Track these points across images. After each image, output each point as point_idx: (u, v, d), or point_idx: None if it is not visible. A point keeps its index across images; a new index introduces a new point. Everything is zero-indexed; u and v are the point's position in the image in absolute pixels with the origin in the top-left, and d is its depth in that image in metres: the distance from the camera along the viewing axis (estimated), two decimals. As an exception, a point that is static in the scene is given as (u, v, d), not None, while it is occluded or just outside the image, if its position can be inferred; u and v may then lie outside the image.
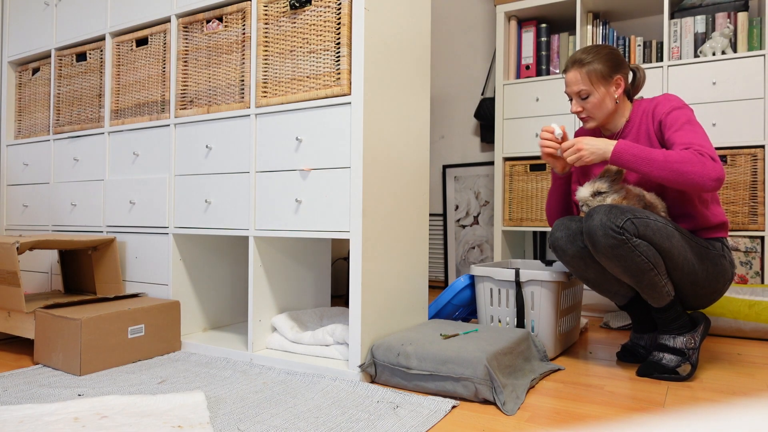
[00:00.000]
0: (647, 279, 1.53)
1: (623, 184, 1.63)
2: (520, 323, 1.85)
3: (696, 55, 2.55)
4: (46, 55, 2.54)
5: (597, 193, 1.61)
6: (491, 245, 3.27)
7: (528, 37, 2.95)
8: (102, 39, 2.28)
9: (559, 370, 1.68)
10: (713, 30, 2.55)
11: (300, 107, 1.71)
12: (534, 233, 3.16)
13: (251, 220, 1.81)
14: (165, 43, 2.07)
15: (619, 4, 2.79)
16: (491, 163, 3.29)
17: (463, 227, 3.38)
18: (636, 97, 1.80)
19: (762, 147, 2.39)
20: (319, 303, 2.14)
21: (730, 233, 2.41)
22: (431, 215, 3.55)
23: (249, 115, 1.83)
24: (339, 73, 1.64)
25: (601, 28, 2.78)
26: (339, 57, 1.64)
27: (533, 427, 1.22)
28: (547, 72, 2.90)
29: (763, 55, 2.39)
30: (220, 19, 1.92)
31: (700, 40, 2.55)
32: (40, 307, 1.78)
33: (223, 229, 1.88)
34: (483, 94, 3.39)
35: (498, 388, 1.35)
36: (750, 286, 2.28)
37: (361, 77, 1.59)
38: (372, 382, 1.58)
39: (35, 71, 2.58)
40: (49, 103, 2.50)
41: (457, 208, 3.42)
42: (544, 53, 2.91)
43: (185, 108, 2.00)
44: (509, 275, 1.86)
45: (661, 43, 2.64)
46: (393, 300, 1.74)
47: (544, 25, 2.91)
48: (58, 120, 2.43)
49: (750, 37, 2.48)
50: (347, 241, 2.95)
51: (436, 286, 3.51)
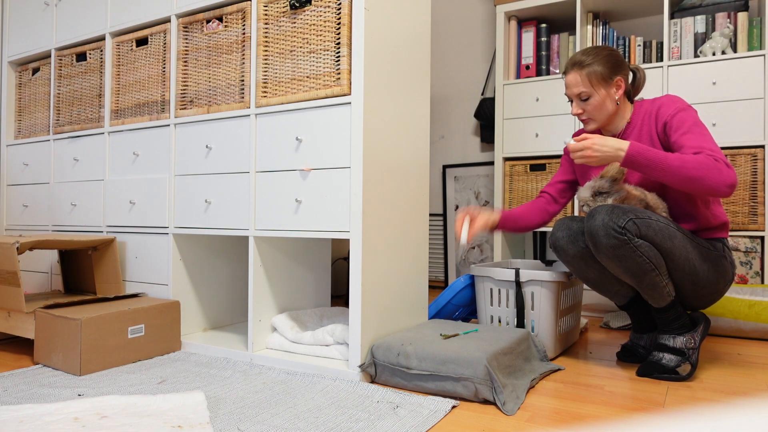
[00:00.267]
0: (648, 279, 1.53)
1: (624, 184, 1.63)
2: (520, 323, 1.85)
3: (696, 55, 2.55)
4: (46, 55, 2.54)
5: (598, 194, 1.61)
6: (491, 245, 3.27)
7: (528, 37, 2.95)
8: (102, 39, 2.28)
9: (559, 370, 1.68)
10: (713, 30, 2.55)
11: (300, 107, 1.71)
12: (534, 233, 3.16)
13: (251, 220, 1.81)
14: (165, 43, 2.07)
15: (619, 4, 2.79)
16: (491, 163, 3.29)
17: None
18: (636, 98, 1.80)
19: (762, 147, 2.39)
20: (319, 303, 2.14)
21: (730, 233, 2.41)
22: (431, 215, 3.55)
23: (249, 115, 1.83)
24: (339, 73, 1.64)
25: (601, 28, 2.78)
26: (339, 57, 1.64)
27: (533, 427, 1.22)
28: (547, 72, 2.90)
29: (763, 55, 2.39)
30: (220, 19, 1.92)
31: (700, 40, 2.55)
32: (40, 307, 1.78)
33: (223, 229, 1.88)
34: (483, 94, 3.39)
35: (498, 388, 1.35)
36: (750, 286, 2.28)
37: (361, 77, 1.59)
38: (372, 382, 1.58)
39: (35, 71, 2.58)
40: (49, 103, 2.50)
41: (457, 208, 3.42)
42: (544, 53, 2.91)
43: (185, 108, 2.00)
44: (509, 275, 1.86)
45: (661, 43, 2.64)
46: (393, 300, 1.74)
47: (544, 25, 2.91)
48: (58, 120, 2.43)
49: (750, 37, 2.48)
50: (347, 241, 2.95)
51: (436, 286, 3.51)
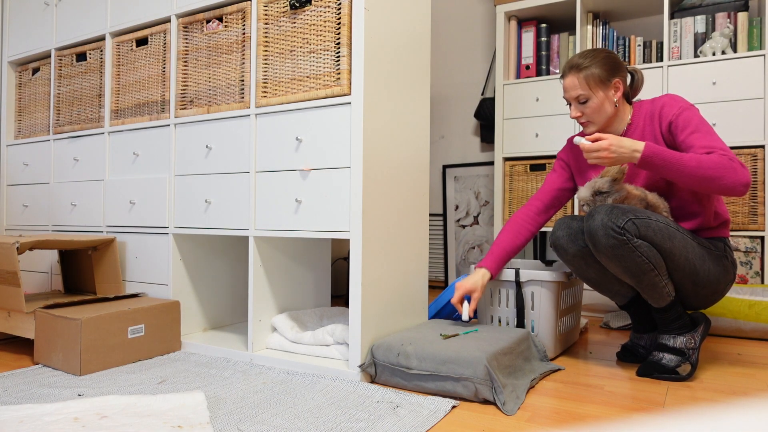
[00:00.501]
0: (648, 279, 1.53)
1: (624, 184, 1.63)
2: (520, 323, 1.85)
3: (696, 55, 2.55)
4: (46, 55, 2.54)
5: (598, 193, 1.61)
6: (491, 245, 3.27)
7: (528, 37, 2.95)
8: (102, 39, 2.28)
9: (559, 370, 1.68)
10: (713, 30, 2.54)
11: (300, 107, 1.71)
12: (534, 233, 3.15)
13: (251, 220, 1.81)
14: (165, 43, 2.07)
15: (619, 4, 2.79)
16: (491, 163, 3.29)
17: (463, 227, 3.38)
18: (635, 100, 1.80)
19: (762, 147, 2.39)
20: (319, 303, 2.14)
21: (730, 233, 2.41)
22: (431, 215, 3.55)
23: (249, 115, 1.83)
24: (339, 73, 1.64)
25: (601, 28, 2.78)
26: (339, 57, 1.64)
27: (533, 427, 1.22)
28: (547, 72, 2.90)
29: (763, 55, 2.39)
30: (220, 19, 1.92)
31: (700, 40, 2.55)
32: (40, 307, 1.78)
33: (223, 229, 1.88)
34: (483, 94, 3.39)
35: (498, 388, 1.35)
36: (750, 286, 2.28)
37: (361, 77, 1.59)
38: (372, 382, 1.58)
39: (35, 71, 2.58)
40: (49, 103, 2.50)
41: (457, 208, 3.42)
42: (544, 53, 2.91)
43: (185, 108, 2.00)
44: (509, 275, 1.86)
45: (661, 43, 2.64)
46: (393, 300, 1.74)
47: (544, 25, 2.91)
48: (58, 120, 2.43)
49: (750, 37, 2.48)
50: (347, 241, 2.95)
51: (436, 286, 3.51)
